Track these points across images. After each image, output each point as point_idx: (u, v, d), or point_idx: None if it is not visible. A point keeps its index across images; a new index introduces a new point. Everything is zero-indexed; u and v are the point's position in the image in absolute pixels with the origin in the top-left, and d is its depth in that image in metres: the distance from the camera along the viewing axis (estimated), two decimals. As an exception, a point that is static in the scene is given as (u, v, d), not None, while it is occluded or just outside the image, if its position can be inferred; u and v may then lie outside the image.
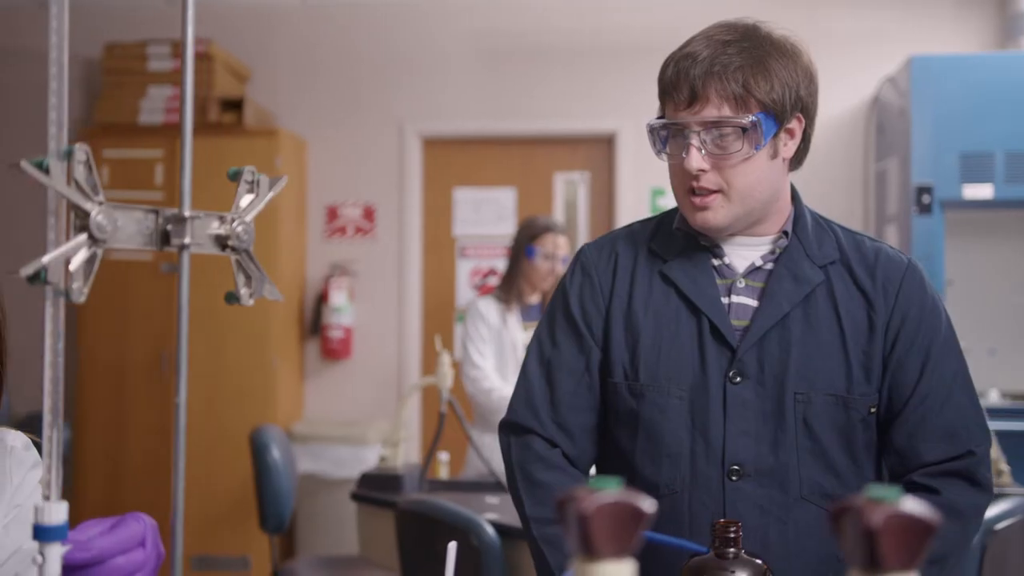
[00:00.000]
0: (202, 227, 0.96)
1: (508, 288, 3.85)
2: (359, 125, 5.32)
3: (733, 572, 1.12)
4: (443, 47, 5.29)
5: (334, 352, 5.18)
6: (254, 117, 4.99)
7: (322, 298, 5.21)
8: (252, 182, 1.01)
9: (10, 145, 5.01)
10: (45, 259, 0.84)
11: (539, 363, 1.65)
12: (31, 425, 3.45)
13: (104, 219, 0.87)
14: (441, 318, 5.27)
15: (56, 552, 0.85)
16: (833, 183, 5.00)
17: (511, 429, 1.65)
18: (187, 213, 0.92)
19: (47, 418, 0.86)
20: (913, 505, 0.57)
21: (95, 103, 5.12)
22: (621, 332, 1.60)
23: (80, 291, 0.86)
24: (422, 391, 4.96)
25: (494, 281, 4.91)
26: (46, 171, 0.84)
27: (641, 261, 1.64)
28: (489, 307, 3.81)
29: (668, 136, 1.57)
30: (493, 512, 2.71)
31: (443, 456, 3.38)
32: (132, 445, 4.89)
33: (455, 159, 5.38)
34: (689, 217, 1.58)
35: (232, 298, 0.99)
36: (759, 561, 1.13)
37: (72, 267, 0.85)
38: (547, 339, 1.65)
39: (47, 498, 0.85)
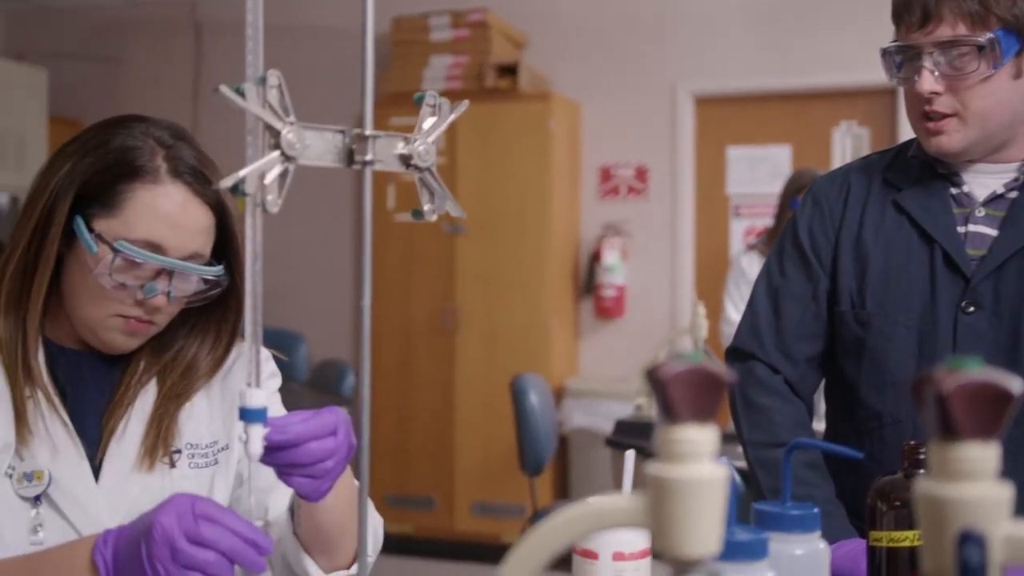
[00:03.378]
0: (387, 147, 1.04)
1: (773, 241, 3.78)
2: (632, 86, 5.36)
3: (922, 496, 1.09)
4: (716, 3, 5.22)
5: (607, 311, 5.28)
6: (529, 82, 5.14)
7: (595, 258, 5.31)
8: (435, 106, 1.08)
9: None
10: (242, 173, 0.94)
11: (767, 292, 1.67)
12: (325, 370, 3.75)
13: (294, 137, 0.97)
14: (713, 277, 5.23)
15: (257, 432, 0.97)
16: None
17: (735, 355, 1.67)
18: (369, 132, 1.01)
19: (249, 316, 0.98)
20: (990, 374, 0.56)
21: (384, 74, 5.45)
22: (849, 261, 1.60)
23: (274, 203, 0.97)
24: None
25: (768, 240, 4.83)
26: (243, 95, 0.95)
27: (875, 191, 1.62)
28: (752, 262, 3.76)
29: (903, 61, 1.53)
30: (743, 461, 2.70)
31: (702, 409, 3.38)
32: (417, 394, 5.21)
33: (728, 117, 5.31)
34: (924, 143, 1.55)
35: (417, 214, 1.07)
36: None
37: (267, 181, 0.96)
38: (776, 268, 1.67)
39: (249, 385, 0.97)
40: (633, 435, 3.08)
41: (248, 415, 0.95)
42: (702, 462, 0.62)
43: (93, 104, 5.89)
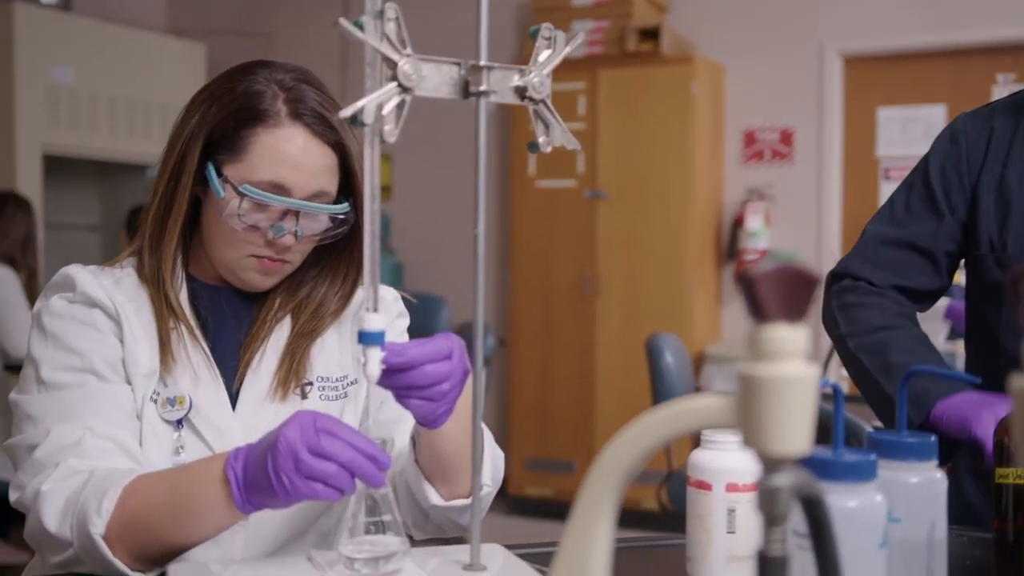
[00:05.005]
0: (502, 79, 1.06)
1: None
2: (778, 47, 5.24)
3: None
4: (867, -41, 5.05)
5: (750, 277, 5.19)
6: (671, 45, 5.08)
7: (738, 223, 5.23)
8: (550, 38, 1.09)
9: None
10: (361, 103, 0.98)
11: (887, 222, 1.62)
12: (465, 331, 3.81)
13: (410, 68, 0.99)
14: (861, 243, 5.10)
15: (375, 355, 1.00)
16: None
17: (833, 277, 1.64)
18: (483, 63, 1.03)
19: (367, 245, 1.01)
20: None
21: (527, 40, 5.48)
22: (991, 203, 1.54)
23: (391, 132, 1.00)
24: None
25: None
26: (361, 29, 0.98)
27: (1022, 129, 1.55)
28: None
29: None
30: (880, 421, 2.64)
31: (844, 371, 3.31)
32: (558, 360, 5.25)
33: (879, 77, 5.13)
34: None
35: (533, 147, 1.08)
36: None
37: (384, 111, 0.99)
38: (900, 202, 1.62)
39: (368, 310, 1.00)
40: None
41: (366, 338, 0.99)
42: (791, 361, 0.62)
43: (247, 77, 6.10)
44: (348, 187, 1.31)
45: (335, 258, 1.37)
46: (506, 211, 5.74)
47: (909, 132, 5.07)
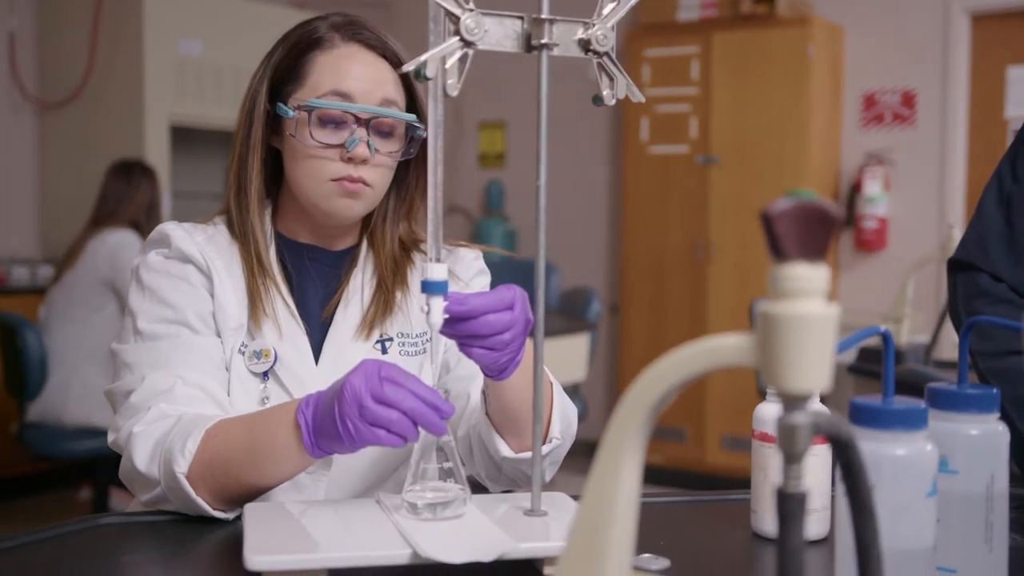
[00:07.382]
0: (566, 32, 1.07)
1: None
2: (900, 6, 5.07)
3: None
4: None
5: (868, 243, 5.07)
6: (787, 6, 4.96)
7: (856, 188, 5.10)
8: (614, -9, 1.09)
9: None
10: (424, 57, 1.00)
11: (997, 199, 1.56)
12: (573, 296, 3.82)
13: (472, 23, 1.01)
14: (987, 208, 4.90)
15: (438, 303, 1.03)
16: None
17: (957, 266, 1.59)
18: (546, 16, 1.04)
19: (431, 195, 1.04)
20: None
21: (639, 5, 5.42)
22: None
23: (454, 86, 1.02)
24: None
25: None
26: (424, -17, 1.00)
27: None
28: None
29: None
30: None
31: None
32: (669, 324, 5.22)
33: (1010, 34, 4.92)
34: None
35: (597, 100, 1.09)
36: None
37: (447, 65, 1.01)
38: (1007, 174, 1.56)
39: (431, 260, 1.03)
40: (876, 362, 2.97)
41: (429, 287, 1.02)
42: (810, 299, 0.62)
43: (365, 47, 6.21)
44: (415, 111, 1.35)
45: (408, 217, 1.41)
46: (618, 177, 5.72)
47: (1040, 92, 4.85)
